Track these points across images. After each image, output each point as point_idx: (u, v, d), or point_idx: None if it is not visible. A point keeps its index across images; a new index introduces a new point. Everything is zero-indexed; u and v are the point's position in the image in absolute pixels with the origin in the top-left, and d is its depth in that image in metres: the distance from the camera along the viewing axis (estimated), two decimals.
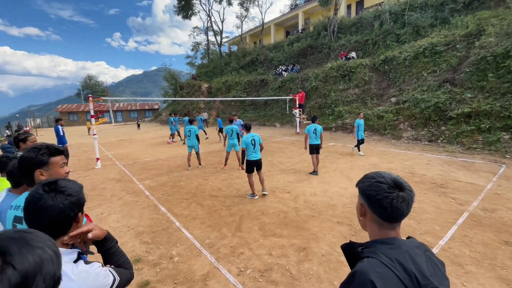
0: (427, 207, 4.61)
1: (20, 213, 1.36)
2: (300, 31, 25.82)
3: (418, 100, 11.59)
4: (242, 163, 5.56)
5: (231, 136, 7.90)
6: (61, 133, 7.01)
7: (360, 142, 9.03)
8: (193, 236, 3.82)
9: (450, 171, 6.68)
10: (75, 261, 0.95)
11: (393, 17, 16.71)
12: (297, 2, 31.46)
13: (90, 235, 1.05)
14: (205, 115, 24.35)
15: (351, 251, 0.99)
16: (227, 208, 4.81)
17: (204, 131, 15.11)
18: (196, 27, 38.59)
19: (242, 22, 32.49)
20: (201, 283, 2.81)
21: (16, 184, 1.74)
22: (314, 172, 6.94)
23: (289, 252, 3.30)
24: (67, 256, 0.94)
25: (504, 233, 3.60)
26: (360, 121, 8.97)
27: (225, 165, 7.91)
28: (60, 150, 1.47)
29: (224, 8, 32.48)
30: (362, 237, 3.63)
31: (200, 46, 39.98)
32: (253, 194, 5.24)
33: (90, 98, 7.53)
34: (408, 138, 11.03)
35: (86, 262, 0.98)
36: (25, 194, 1.43)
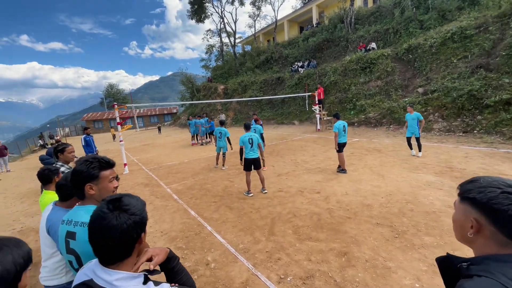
0: None
1: (73, 228, 1.33)
2: (315, 25, 25.24)
3: (448, 88, 10.86)
4: (241, 159, 5.69)
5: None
6: (91, 142, 7.23)
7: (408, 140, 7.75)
8: (227, 240, 3.75)
9: (493, 164, 6.15)
10: (144, 283, 0.90)
11: (415, 3, 15.83)
12: None
13: (151, 265, 0.98)
14: (222, 117, 24.55)
15: (449, 265, 0.83)
16: (256, 211, 4.71)
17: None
18: (209, 29, 38.99)
19: (255, 21, 32.38)
20: None
21: (65, 197, 1.72)
22: (343, 170, 6.67)
23: (329, 258, 3.13)
24: (135, 280, 0.89)
25: None
26: (409, 116, 7.67)
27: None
28: (111, 163, 1.43)
29: (236, 9, 32.55)
30: (407, 239, 3.38)
31: (214, 48, 40.39)
32: (248, 192, 5.47)
33: (116, 106, 7.76)
34: (439, 130, 10.37)
35: (156, 284, 0.92)
36: (78, 209, 1.40)
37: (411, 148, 7.75)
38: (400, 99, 13.00)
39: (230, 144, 8.32)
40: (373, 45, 16.89)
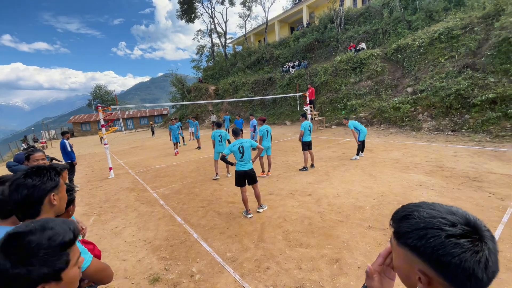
0: (465, 204, 4.19)
1: None
2: (305, 26, 25.27)
3: (437, 88, 10.97)
4: (230, 163, 4.75)
5: (266, 137, 6.97)
6: (69, 149, 6.75)
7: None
8: (213, 249, 3.56)
9: (481, 163, 6.18)
10: None
11: (403, 4, 16.00)
12: None
13: None
14: (214, 118, 24.26)
15: None
16: (245, 215, 4.53)
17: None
18: (200, 30, 38.60)
19: (245, 21, 32.22)
20: None
21: (5, 215, 1.44)
22: (304, 168, 6.96)
23: (320, 265, 2.98)
24: None
25: None
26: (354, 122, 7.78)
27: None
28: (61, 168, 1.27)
29: (226, 9, 32.37)
30: None
31: (204, 49, 39.99)
32: (247, 211, 4.49)
33: (100, 108, 7.44)
34: (428, 129, 10.45)
35: None
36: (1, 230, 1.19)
37: (362, 151, 7.89)
38: (390, 99, 13.07)
39: None
40: (363, 45, 16.99)
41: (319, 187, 5.61)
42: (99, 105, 7.59)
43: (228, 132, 16.52)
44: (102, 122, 7.61)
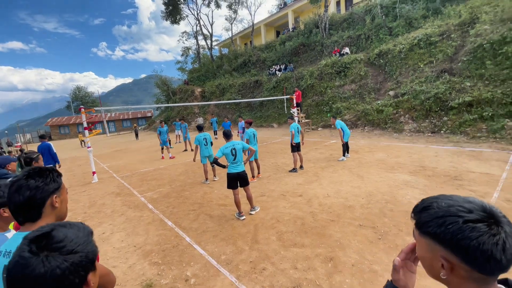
0: None
1: None
2: (291, 30, 25.69)
3: (417, 91, 11.48)
4: (221, 166, 4.54)
5: (253, 140, 6.89)
6: (54, 150, 6.46)
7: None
8: (207, 252, 3.51)
9: (460, 162, 6.52)
10: None
11: (384, 11, 16.67)
12: (286, 1, 31.35)
13: None
14: (200, 120, 23.99)
15: None
16: (238, 218, 4.51)
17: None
18: (185, 31, 38.20)
19: (231, 24, 32.24)
20: None
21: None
22: (294, 170, 7.05)
23: (315, 264, 3.02)
24: None
25: None
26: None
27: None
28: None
29: (212, 11, 32.24)
30: (390, 240, 3.38)
31: (190, 50, 39.60)
32: (239, 214, 4.49)
33: (82, 110, 7.15)
34: (410, 131, 10.90)
35: None
36: (20, 236, 1.13)
37: (348, 152, 8.09)
38: (373, 102, 13.52)
39: None
40: (347, 50, 17.50)
41: (309, 187, 5.69)
42: (82, 107, 7.29)
43: (216, 134, 16.44)
44: (85, 125, 7.32)
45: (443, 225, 0.63)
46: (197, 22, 32.72)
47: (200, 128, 7.32)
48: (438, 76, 11.30)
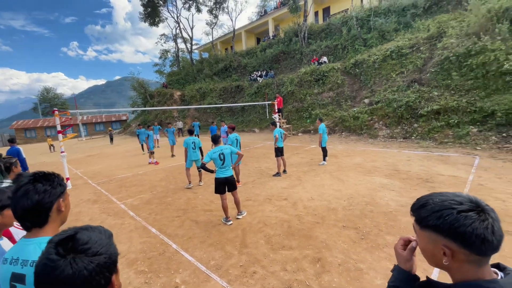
0: None
1: (21, 269, 1.03)
2: (271, 37, 26.23)
3: (389, 100, 12.24)
4: (210, 171, 4.49)
5: (236, 146, 6.77)
6: (24, 155, 6.00)
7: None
8: (196, 258, 3.47)
9: (431, 166, 7.03)
10: None
11: (359, 23, 17.64)
12: (266, 9, 32.05)
13: None
14: (179, 124, 23.52)
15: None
16: (225, 222, 4.50)
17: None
18: (163, 34, 37.55)
19: (212, 29, 32.23)
20: None
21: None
22: (278, 174, 7.22)
23: (304, 265, 3.11)
24: None
25: (501, 223, 3.77)
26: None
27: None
28: None
29: (193, 15, 32.09)
30: (372, 240, 3.57)
31: (168, 53, 38.92)
32: (226, 218, 4.48)
33: (56, 112, 6.74)
34: (384, 137, 11.55)
35: None
36: (26, 243, 1.09)
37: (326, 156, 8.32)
38: (350, 109, 14.17)
39: (203, 155, 7.22)
40: (325, 59, 18.23)
41: (294, 191, 5.82)
42: (56, 109, 6.87)
43: (198, 137, 16.23)
44: (58, 128, 6.89)
45: (441, 217, 0.73)
46: (177, 25, 32.35)
47: (190, 132, 7.32)
48: (409, 85, 12.14)
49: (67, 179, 7.74)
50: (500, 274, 0.76)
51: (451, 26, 12.34)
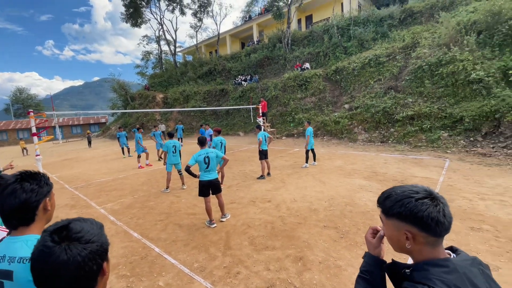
0: None
1: (7, 266, 1.05)
2: (255, 42, 26.55)
3: (368, 105, 12.79)
4: (194, 176, 4.47)
5: (220, 149, 6.78)
6: None
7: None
8: (179, 261, 3.46)
9: (406, 168, 7.44)
10: None
11: (340, 31, 18.34)
12: (251, 14, 32.43)
13: None
14: (162, 127, 23.07)
15: (395, 269, 0.93)
16: (209, 225, 4.52)
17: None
18: (146, 35, 36.94)
19: (196, 32, 32.09)
20: None
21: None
22: (262, 177, 7.31)
23: (286, 264, 3.21)
24: None
25: (467, 220, 4.10)
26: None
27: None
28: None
29: (177, 18, 31.78)
30: (351, 239, 3.74)
31: (151, 55, 38.21)
32: (210, 221, 4.47)
33: (31, 114, 6.44)
34: (363, 141, 12.04)
35: None
36: (11, 240, 1.10)
37: (313, 159, 8.57)
38: (331, 114, 14.64)
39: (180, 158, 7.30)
40: (307, 65, 18.73)
41: (277, 193, 5.94)
42: (31, 110, 6.56)
43: (181, 141, 16.00)
44: (34, 130, 6.58)
45: (402, 205, 0.86)
46: (160, 27, 31.92)
47: (170, 135, 7.27)
48: (386, 92, 12.77)
49: None
50: (453, 255, 0.90)
51: (424, 37, 13.18)
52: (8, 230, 1.43)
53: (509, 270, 2.96)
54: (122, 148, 13.73)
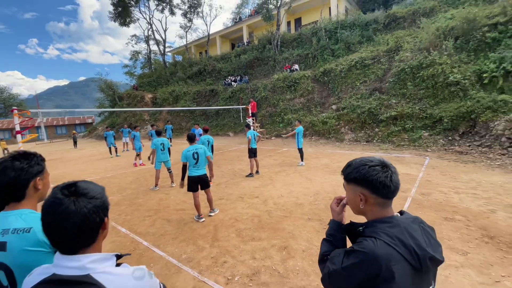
0: None
1: (1, 238, 1.12)
2: (245, 43, 26.73)
3: (354, 106, 13.18)
4: (182, 179, 4.72)
5: (207, 147, 6.80)
6: None
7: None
8: (167, 253, 3.54)
9: None
10: (117, 265, 0.87)
11: (327, 34, 18.79)
12: (241, 16, 32.61)
13: None
14: (151, 128, 22.84)
15: (352, 229, 1.10)
16: (197, 220, 4.61)
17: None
18: (135, 35, 36.38)
19: (186, 32, 31.96)
20: None
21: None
22: (250, 175, 7.46)
23: (271, 253, 3.35)
24: (108, 261, 0.86)
25: (442, 211, 4.37)
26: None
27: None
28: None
29: (166, 17, 31.53)
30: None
31: (139, 55, 37.68)
32: (199, 216, 4.58)
33: (15, 111, 6.31)
34: (349, 140, 12.39)
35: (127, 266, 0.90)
36: (5, 215, 1.18)
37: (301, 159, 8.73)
38: (319, 114, 14.96)
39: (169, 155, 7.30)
40: (296, 66, 19.05)
41: (265, 190, 6.09)
42: (15, 108, 6.43)
43: (170, 141, 15.91)
44: (17, 128, 6.45)
45: (358, 171, 1.02)
46: (149, 26, 31.59)
47: (158, 133, 7.33)
48: (371, 93, 13.20)
49: None
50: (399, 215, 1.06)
51: (407, 41, 13.73)
52: None
53: (477, 254, 3.21)
54: (110, 148, 13.55)
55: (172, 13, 30.93)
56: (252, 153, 7.48)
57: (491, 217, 4.14)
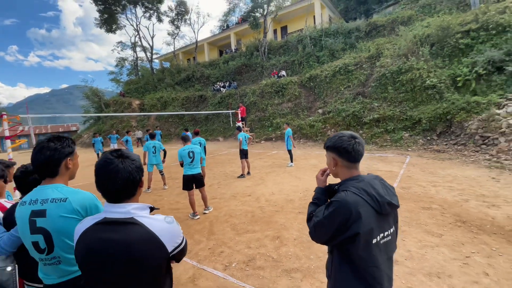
0: None
1: (41, 206, 1.32)
2: (233, 50, 27.17)
3: (339, 110, 13.73)
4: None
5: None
6: None
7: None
8: None
9: (372, 164, 8.20)
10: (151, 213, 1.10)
11: (312, 42, 19.51)
12: (228, 23, 33.15)
13: None
14: (139, 134, 22.61)
15: (331, 189, 1.41)
16: (192, 217, 4.77)
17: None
18: (121, 41, 36.18)
19: (174, 39, 32.11)
20: (190, 284, 2.82)
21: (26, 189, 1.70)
22: (242, 175, 7.69)
23: (265, 242, 3.58)
24: (145, 210, 1.09)
25: (420, 202, 4.76)
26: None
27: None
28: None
29: (153, 24, 31.62)
30: None
31: (126, 62, 37.37)
32: (194, 214, 4.76)
33: (5, 116, 6.26)
34: None
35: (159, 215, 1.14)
36: (43, 188, 1.37)
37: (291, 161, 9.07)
38: (306, 118, 15.44)
39: (165, 158, 7.51)
40: (283, 72, 19.59)
41: (257, 189, 6.33)
42: (4, 113, 6.37)
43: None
44: (7, 133, 6.39)
45: (331, 141, 1.32)
46: (136, 33, 31.53)
47: (152, 136, 7.50)
48: (355, 97, 13.81)
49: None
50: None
51: (387, 48, 14.53)
52: (12, 203, 1.73)
53: (450, 236, 3.57)
54: (98, 154, 13.38)
55: (160, 20, 31.07)
56: (243, 154, 7.72)
57: (464, 205, 4.56)
